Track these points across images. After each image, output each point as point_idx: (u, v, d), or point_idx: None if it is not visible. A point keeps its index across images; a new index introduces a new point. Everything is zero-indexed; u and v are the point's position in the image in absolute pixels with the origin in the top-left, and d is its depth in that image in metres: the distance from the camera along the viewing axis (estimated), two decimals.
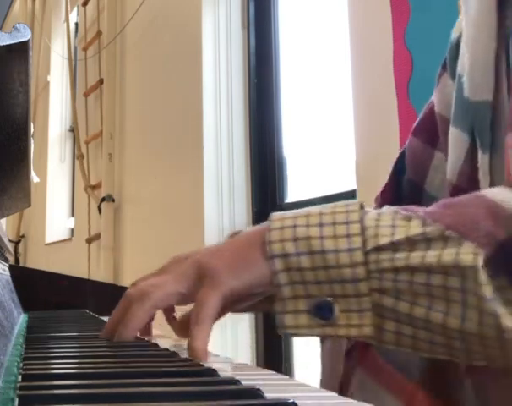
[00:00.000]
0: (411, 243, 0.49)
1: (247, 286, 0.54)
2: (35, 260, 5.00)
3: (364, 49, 1.67)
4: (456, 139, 0.61)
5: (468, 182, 0.59)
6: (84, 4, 3.92)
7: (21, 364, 0.46)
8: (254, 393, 0.37)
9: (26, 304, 1.13)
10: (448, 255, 0.47)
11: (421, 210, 0.51)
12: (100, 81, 3.59)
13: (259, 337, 2.28)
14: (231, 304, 0.56)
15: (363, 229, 0.50)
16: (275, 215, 0.54)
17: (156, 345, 0.61)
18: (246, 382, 0.41)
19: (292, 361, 2.20)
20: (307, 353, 2.23)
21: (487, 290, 0.46)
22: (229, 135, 2.42)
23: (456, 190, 0.60)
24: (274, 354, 2.23)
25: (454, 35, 0.71)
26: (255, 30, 2.44)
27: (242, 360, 0.59)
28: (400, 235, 0.49)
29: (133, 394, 0.36)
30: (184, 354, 0.54)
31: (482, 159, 0.57)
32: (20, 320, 0.92)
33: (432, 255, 0.48)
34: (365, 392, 0.63)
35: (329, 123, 2.12)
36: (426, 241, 0.48)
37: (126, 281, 3.12)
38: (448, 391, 0.59)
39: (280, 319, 0.52)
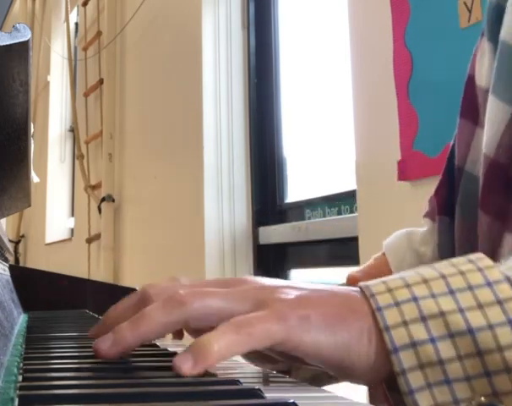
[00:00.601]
0: None
1: (330, 358, 0.38)
2: (35, 260, 5.00)
3: (364, 49, 1.67)
4: (496, 110, 0.55)
5: (507, 156, 0.53)
6: (84, 4, 3.92)
7: (21, 364, 0.46)
8: (254, 393, 0.37)
9: (26, 304, 1.13)
10: None
11: None
12: (100, 81, 3.59)
13: None
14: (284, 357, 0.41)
15: None
16: (369, 285, 0.39)
17: (156, 345, 0.61)
18: (246, 382, 0.41)
19: None
20: None
21: None
22: (229, 135, 2.42)
23: (493, 165, 0.54)
24: None
25: None
26: (255, 30, 2.44)
27: (242, 360, 0.59)
28: None
29: (133, 394, 0.36)
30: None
31: None
32: (20, 320, 0.92)
33: None
34: None
35: (329, 123, 2.11)
36: None
37: (126, 281, 3.12)
38: None
39: None
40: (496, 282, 0.37)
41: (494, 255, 0.54)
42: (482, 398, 0.35)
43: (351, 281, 0.75)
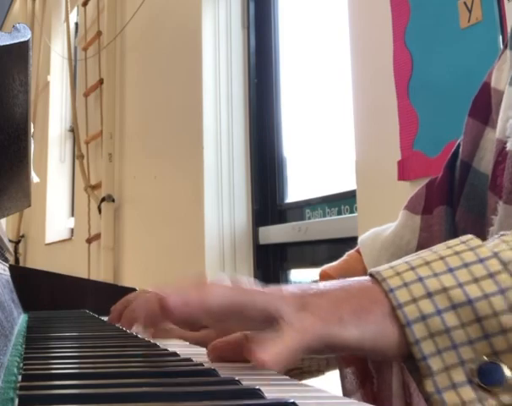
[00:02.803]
0: None
1: (358, 343, 0.45)
2: (35, 260, 5.00)
3: (364, 49, 1.67)
4: (510, 97, 0.58)
5: None
6: (84, 4, 3.92)
7: (21, 364, 0.46)
8: (254, 393, 0.37)
9: (26, 304, 1.13)
10: None
11: None
12: (100, 81, 3.59)
13: None
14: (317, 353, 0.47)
15: (504, 264, 0.43)
16: (379, 270, 0.46)
17: (156, 345, 0.61)
18: (246, 382, 0.41)
19: None
20: None
21: None
22: (229, 135, 2.42)
23: (503, 147, 0.58)
24: None
25: None
26: (255, 30, 2.44)
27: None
28: None
29: (133, 394, 0.36)
30: (184, 354, 0.54)
31: None
32: (20, 320, 0.92)
33: None
34: None
35: (329, 123, 2.11)
36: None
37: (126, 281, 3.12)
38: None
39: (438, 400, 0.42)
40: (486, 258, 0.43)
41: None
42: (485, 358, 0.42)
43: (323, 277, 0.77)
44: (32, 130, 0.57)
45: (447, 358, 0.42)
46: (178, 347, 0.61)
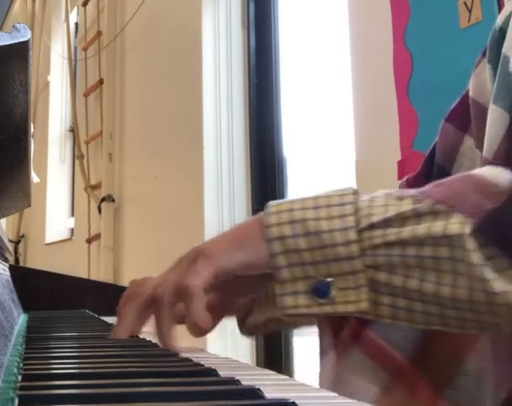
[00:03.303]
0: (402, 219, 0.51)
1: (240, 265, 0.55)
2: (35, 260, 5.00)
3: (364, 49, 1.67)
4: (496, 117, 0.61)
5: (505, 159, 0.59)
6: (84, 4, 3.92)
7: (21, 364, 0.46)
8: (254, 393, 0.37)
9: (26, 304, 1.13)
10: (437, 226, 0.49)
11: (412, 190, 0.53)
12: (100, 81, 3.59)
13: (259, 337, 2.28)
14: (225, 287, 0.58)
15: (357, 210, 0.53)
16: (273, 202, 0.56)
17: (156, 345, 0.61)
18: (246, 382, 0.41)
19: (292, 361, 2.20)
20: (307, 353, 2.23)
21: (476, 256, 0.47)
22: (229, 135, 2.42)
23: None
24: (274, 354, 2.23)
25: (498, 21, 0.70)
26: (255, 30, 2.44)
27: (242, 360, 0.59)
28: (391, 213, 0.52)
29: (133, 394, 0.36)
30: (184, 354, 0.54)
31: None
32: (20, 320, 0.92)
33: (422, 228, 0.49)
34: (362, 371, 0.64)
35: (329, 123, 2.12)
36: (416, 216, 0.50)
37: (126, 281, 3.11)
38: (433, 366, 0.61)
39: (279, 301, 0.53)
40: (346, 203, 0.53)
41: None
42: (322, 277, 0.52)
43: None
44: (32, 130, 0.57)
45: (295, 271, 0.53)
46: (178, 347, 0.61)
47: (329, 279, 0.52)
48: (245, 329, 0.72)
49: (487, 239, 0.47)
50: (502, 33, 0.66)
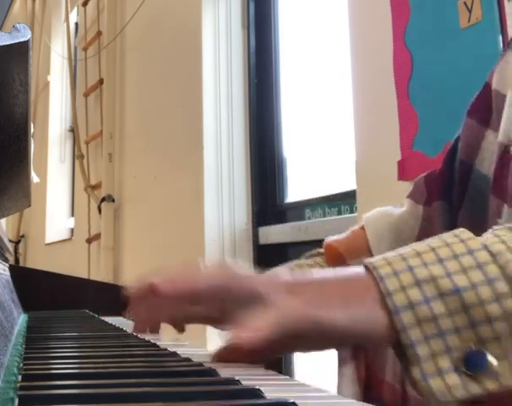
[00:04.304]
0: None
1: (346, 328, 0.45)
2: (35, 260, 5.00)
3: (364, 49, 1.67)
4: None
5: None
6: (84, 4, 3.92)
7: (21, 364, 0.46)
8: (254, 393, 0.37)
9: (26, 304, 1.13)
10: None
11: None
12: (100, 81, 3.59)
13: None
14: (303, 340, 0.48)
15: (493, 255, 0.44)
16: (372, 261, 0.47)
17: (156, 345, 0.61)
18: (246, 382, 0.41)
19: (292, 361, 2.20)
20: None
21: None
22: (229, 135, 2.42)
23: (507, 151, 0.58)
24: None
25: None
26: (255, 30, 2.44)
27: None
28: None
29: (133, 394, 0.36)
30: (185, 354, 0.54)
31: None
32: (20, 320, 0.92)
33: None
34: None
35: (329, 123, 2.11)
36: None
37: (126, 281, 3.12)
38: None
39: (424, 387, 0.43)
40: (476, 249, 0.44)
41: None
42: (471, 345, 0.43)
43: (328, 249, 0.76)
44: (32, 130, 0.57)
45: (434, 345, 0.43)
46: (178, 347, 0.61)
47: (481, 348, 0.43)
48: None
49: None
50: None
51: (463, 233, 0.46)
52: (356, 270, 0.47)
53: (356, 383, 0.65)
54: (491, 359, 0.42)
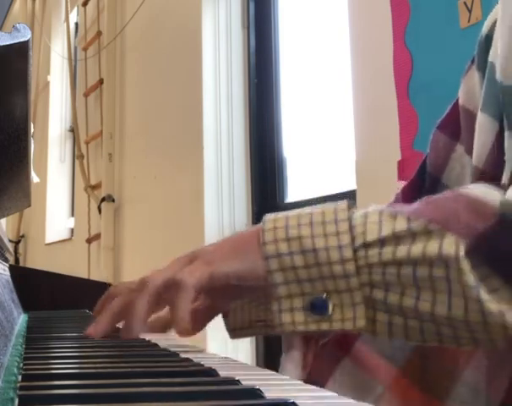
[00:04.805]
0: (397, 238, 0.51)
1: (236, 274, 0.56)
2: (35, 260, 5.00)
3: (364, 49, 1.67)
4: (484, 125, 0.62)
5: (494, 167, 0.60)
6: (84, 4, 3.92)
7: (21, 364, 0.46)
8: (254, 393, 0.37)
9: (26, 304, 1.13)
10: (431, 247, 0.49)
11: (406, 207, 0.53)
12: (100, 81, 3.59)
13: (259, 337, 2.28)
14: (215, 292, 0.59)
15: (351, 227, 0.53)
16: (268, 216, 0.56)
17: (156, 345, 0.61)
18: (246, 382, 0.41)
19: None
20: None
21: (470, 278, 0.48)
22: (229, 135, 2.42)
23: (482, 175, 0.62)
24: (274, 354, 2.23)
25: (484, 28, 0.71)
26: (255, 30, 2.44)
27: (242, 360, 0.59)
28: (386, 231, 0.51)
29: (133, 394, 0.36)
30: (184, 354, 0.54)
31: (509, 141, 0.57)
32: (20, 320, 0.92)
33: (416, 248, 0.50)
34: (353, 380, 0.66)
35: (329, 123, 2.11)
36: (411, 236, 0.51)
37: (126, 281, 3.11)
38: (429, 377, 0.63)
39: (277, 317, 0.54)
40: (341, 220, 0.53)
41: None
42: (319, 293, 0.52)
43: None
44: (32, 130, 0.57)
45: (292, 288, 0.53)
46: (179, 347, 0.61)
47: (325, 296, 0.52)
48: (230, 330, 0.73)
49: (479, 260, 0.48)
50: (488, 40, 0.67)
51: (343, 204, 0.54)
52: (252, 228, 0.58)
53: (301, 368, 0.70)
54: (330, 306, 0.52)
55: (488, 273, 0.48)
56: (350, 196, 1.84)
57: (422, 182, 0.74)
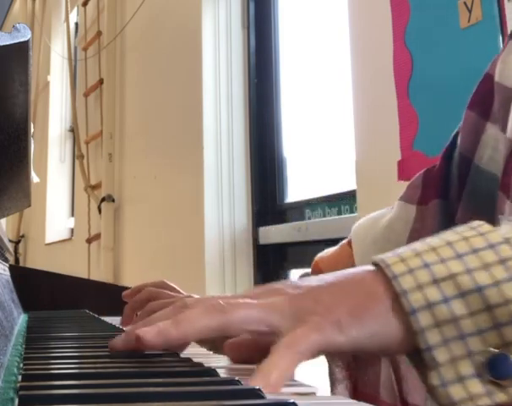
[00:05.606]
0: None
1: (372, 338, 0.41)
2: (35, 260, 5.00)
3: (364, 49, 1.67)
4: None
5: None
6: (84, 4, 3.92)
7: (21, 365, 0.46)
8: (254, 393, 0.37)
9: (26, 304, 1.13)
10: None
11: None
12: (100, 81, 3.59)
13: None
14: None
15: None
16: (383, 258, 0.42)
17: None
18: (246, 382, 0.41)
19: None
20: None
21: None
22: (229, 135, 2.42)
23: None
24: None
25: None
26: (255, 30, 2.44)
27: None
28: None
29: (133, 394, 0.36)
30: (184, 354, 0.54)
31: None
32: (20, 320, 0.92)
33: None
34: None
35: (329, 123, 2.11)
36: None
37: (126, 281, 3.12)
38: None
39: (443, 394, 0.39)
40: (497, 243, 0.40)
41: None
42: (495, 349, 0.38)
43: (315, 267, 0.76)
44: (32, 130, 0.57)
45: (454, 349, 0.39)
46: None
47: (505, 351, 0.39)
48: None
49: None
50: None
51: (481, 226, 0.42)
52: (361, 273, 0.43)
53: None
54: None
55: None
56: (350, 196, 1.84)
57: (447, 165, 0.69)
